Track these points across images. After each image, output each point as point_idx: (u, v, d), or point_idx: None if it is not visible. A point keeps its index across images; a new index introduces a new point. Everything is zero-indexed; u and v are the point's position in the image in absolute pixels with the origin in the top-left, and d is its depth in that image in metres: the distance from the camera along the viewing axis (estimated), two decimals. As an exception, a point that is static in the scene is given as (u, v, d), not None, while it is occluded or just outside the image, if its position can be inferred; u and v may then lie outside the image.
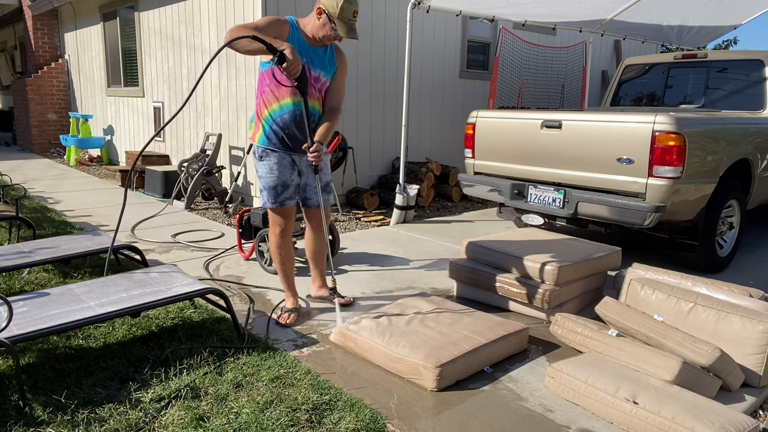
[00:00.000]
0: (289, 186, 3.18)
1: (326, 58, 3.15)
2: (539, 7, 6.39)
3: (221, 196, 6.52)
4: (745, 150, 4.45)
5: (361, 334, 2.89)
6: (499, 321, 3.07)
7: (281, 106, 3.07)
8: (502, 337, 2.87)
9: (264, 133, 3.12)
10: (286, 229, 3.25)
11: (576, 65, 9.71)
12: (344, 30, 2.96)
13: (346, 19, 2.96)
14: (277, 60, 2.74)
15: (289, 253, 3.33)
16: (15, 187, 7.34)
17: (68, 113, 11.22)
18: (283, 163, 3.15)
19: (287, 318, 3.28)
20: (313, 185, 3.32)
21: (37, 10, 10.93)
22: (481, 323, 3.02)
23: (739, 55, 5.43)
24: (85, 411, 2.33)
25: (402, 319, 3.07)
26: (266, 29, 2.86)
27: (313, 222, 3.45)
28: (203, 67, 6.94)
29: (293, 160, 3.20)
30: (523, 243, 3.81)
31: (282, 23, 2.98)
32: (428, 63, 7.55)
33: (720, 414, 2.23)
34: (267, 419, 2.28)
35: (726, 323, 2.73)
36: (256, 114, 3.17)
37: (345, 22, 2.96)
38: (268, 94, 3.09)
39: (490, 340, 2.81)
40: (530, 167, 4.61)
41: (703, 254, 4.31)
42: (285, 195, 3.18)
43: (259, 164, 3.18)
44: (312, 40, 3.07)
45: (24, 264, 3.50)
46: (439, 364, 2.56)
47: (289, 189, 3.19)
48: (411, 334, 2.86)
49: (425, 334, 2.86)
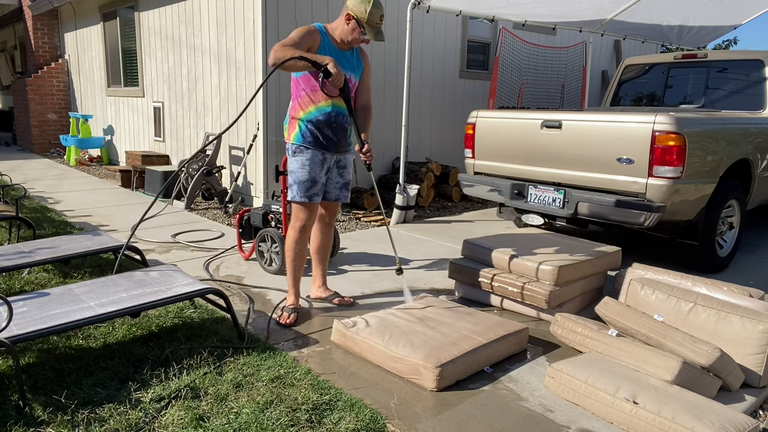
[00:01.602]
0: (318, 182, 3.28)
1: (354, 61, 3.30)
2: (539, 7, 6.39)
3: (221, 196, 6.52)
4: (745, 150, 4.45)
5: (361, 334, 2.89)
6: (499, 321, 3.07)
7: (318, 108, 3.20)
8: (502, 337, 2.87)
9: (300, 131, 3.24)
10: (306, 225, 3.31)
11: (576, 65, 9.71)
12: (372, 33, 3.14)
13: (374, 23, 3.13)
14: (323, 74, 2.95)
15: (302, 251, 3.37)
16: (15, 187, 7.35)
17: (68, 113, 11.22)
18: (315, 160, 3.25)
19: (287, 317, 3.29)
20: (335, 181, 3.43)
21: (37, 10, 10.93)
22: (481, 323, 3.02)
23: (739, 55, 5.43)
24: (85, 411, 2.33)
25: (402, 319, 3.06)
26: (301, 43, 3.03)
27: (327, 215, 3.55)
28: (203, 67, 6.95)
29: (324, 158, 3.30)
30: (523, 243, 3.81)
31: (313, 33, 3.12)
32: (428, 63, 7.55)
33: (720, 414, 2.23)
34: (267, 419, 2.28)
35: (726, 323, 2.73)
36: (290, 116, 3.30)
37: (373, 26, 3.13)
38: (304, 98, 3.21)
39: (490, 340, 2.81)
40: (530, 167, 4.61)
41: (703, 254, 4.31)
42: (313, 191, 3.26)
43: (292, 159, 3.29)
44: (340, 44, 3.23)
45: (24, 264, 3.50)
46: (439, 364, 2.56)
47: (317, 185, 3.28)
48: (411, 334, 2.86)
49: (425, 334, 2.85)
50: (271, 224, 4.41)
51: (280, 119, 6.15)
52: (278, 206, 4.34)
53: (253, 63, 6.09)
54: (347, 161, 3.45)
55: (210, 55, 6.83)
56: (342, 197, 3.49)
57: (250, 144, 6.22)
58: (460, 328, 2.96)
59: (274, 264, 4.18)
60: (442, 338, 2.81)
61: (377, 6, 3.12)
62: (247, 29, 6.10)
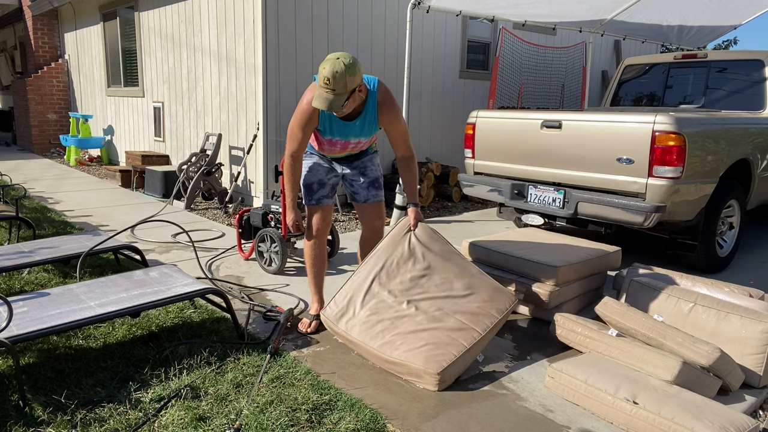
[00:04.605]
0: (326, 184, 3.23)
1: (364, 123, 2.98)
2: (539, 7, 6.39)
3: (221, 196, 6.52)
4: (745, 150, 4.45)
5: (352, 333, 2.84)
6: (490, 294, 2.93)
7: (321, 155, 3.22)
8: (497, 323, 2.82)
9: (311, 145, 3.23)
10: (321, 229, 3.22)
11: (576, 65, 9.71)
12: (316, 100, 2.69)
13: (320, 85, 2.69)
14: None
15: (318, 256, 3.26)
16: (15, 187, 7.35)
17: (68, 113, 11.22)
18: (322, 163, 3.22)
19: (308, 326, 3.19)
20: (358, 180, 3.28)
21: (37, 10, 10.93)
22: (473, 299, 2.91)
23: (739, 55, 5.43)
24: (85, 411, 2.33)
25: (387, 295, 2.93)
26: (305, 133, 2.93)
27: (365, 219, 3.35)
28: (203, 67, 6.95)
29: (332, 166, 3.25)
30: (523, 243, 3.81)
31: (311, 115, 2.88)
32: (428, 63, 7.55)
33: (720, 414, 2.23)
34: (267, 419, 2.28)
35: (726, 323, 2.74)
36: None
37: (320, 88, 2.70)
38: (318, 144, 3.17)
39: (486, 331, 2.77)
40: (530, 167, 4.61)
41: (703, 254, 4.31)
42: (321, 193, 3.21)
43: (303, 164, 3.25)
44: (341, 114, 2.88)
45: (24, 264, 3.50)
46: (440, 370, 2.54)
47: (326, 187, 3.23)
48: (402, 323, 2.79)
49: (417, 323, 2.78)
50: (270, 224, 4.41)
51: (279, 119, 6.15)
52: (278, 206, 4.34)
53: (253, 63, 6.09)
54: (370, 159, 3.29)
55: (210, 55, 6.83)
56: (372, 197, 3.28)
57: (250, 144, 6.22)
58: (453, 308, 2.85)
59: (273, 264, 4.18)
60: (438, 332, 2.73)
61: (324, 66, 2.65)
62: (247, 29, 6.10)
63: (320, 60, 6.39)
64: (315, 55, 6.33)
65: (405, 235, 3.11)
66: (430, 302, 2.91)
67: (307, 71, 6.29)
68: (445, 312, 2.85)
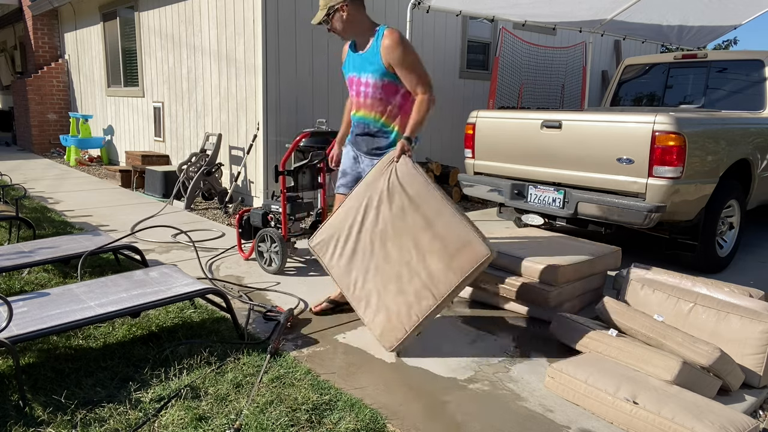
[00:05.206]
0: (347, 174, 3.40)
1: (365, 56, 3.18)
2: (539, 7, 6.39)
3: (221, 196, 6.52)
4: (745, 150, 4.45)
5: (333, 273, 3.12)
6: (458, 247, 2.78)
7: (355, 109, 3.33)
8: (456, 287, 2.77)
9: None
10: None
11: (576, 65, 9.71)
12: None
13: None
14: None
15: None
16: (15, 187, 7.35)
17: (68, 113, 11.22)
18: (350, 152, 3.42)
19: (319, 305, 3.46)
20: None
21: (37, 10, 10.93)
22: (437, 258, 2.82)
23: (739, 55, 5.43)
24: (85, 411, 2.33)
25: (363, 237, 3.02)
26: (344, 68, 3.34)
27: None
28: (203, 67, 6.95)
29: (357, 155, 3.39)
30: (523, 243, 3.81)
31: (343, 50, 3.36)
32: (428, 63, 7.54)
33: (720, 414, 2.23)
34: (267, 419, 2.28)
35: (726, 323, 2.74)
36: None
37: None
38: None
39: (443, 298, 2.77)
40: (530, 167, 4.61)
41: (703, 254, 4.31)
42: (341, 181, 3.43)
43: None
44: (357, 46, 3.25)
45: (24, 264, 3.50)
46: (392, 347, 2.85)
47: (347, 177, 3.40)
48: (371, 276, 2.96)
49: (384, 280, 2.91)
50: (270, 224, 4.41)
51: (279, 119, 6.15)
52: (278, 206, 4.34)
53: (253, 63, 6.09)
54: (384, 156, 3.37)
55: (210, 55, 6.83)
56: None
57: (250, 144, 6.22)
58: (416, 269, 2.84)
59: (273, 264, 4.18)
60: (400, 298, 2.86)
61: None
62: (247, 29, 6.10)
63: (320, 60, 6.39)
64: (315, 55, 6.33)
65: (388, 168, 3.06)
66: (399, 253, 2.91)
67: (307, 71, 6.29)
68: (411, 268, 2.86)
